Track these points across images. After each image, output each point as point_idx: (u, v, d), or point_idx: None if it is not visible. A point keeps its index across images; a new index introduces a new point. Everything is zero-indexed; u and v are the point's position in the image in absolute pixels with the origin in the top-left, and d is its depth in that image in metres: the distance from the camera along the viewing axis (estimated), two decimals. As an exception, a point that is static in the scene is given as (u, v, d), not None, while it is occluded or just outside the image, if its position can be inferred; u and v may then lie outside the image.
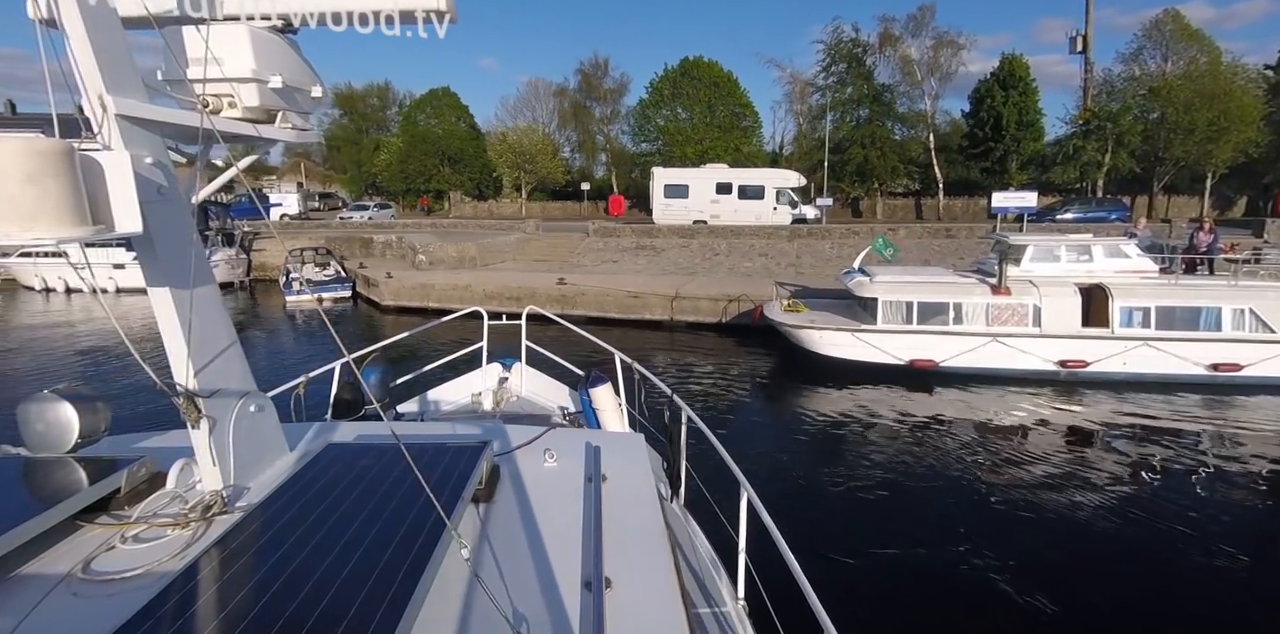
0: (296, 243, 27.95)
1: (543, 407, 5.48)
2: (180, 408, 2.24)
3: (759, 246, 23.40)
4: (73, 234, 1.70)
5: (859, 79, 36.69)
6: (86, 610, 1.74)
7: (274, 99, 2.49)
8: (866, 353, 11.92)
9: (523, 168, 45.17)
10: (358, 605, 1.58)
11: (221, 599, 1.62)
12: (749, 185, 28.62)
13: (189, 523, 2.15)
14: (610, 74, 46.48)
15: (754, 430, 10.24)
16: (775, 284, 15.15)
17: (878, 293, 11.84)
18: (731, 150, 38.86)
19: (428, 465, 2.23)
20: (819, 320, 12.50)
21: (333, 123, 59.38)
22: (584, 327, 6.23)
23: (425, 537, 1.86)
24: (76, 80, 1.95)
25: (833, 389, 11.59)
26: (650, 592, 1.93)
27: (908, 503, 7.65)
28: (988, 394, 11.18)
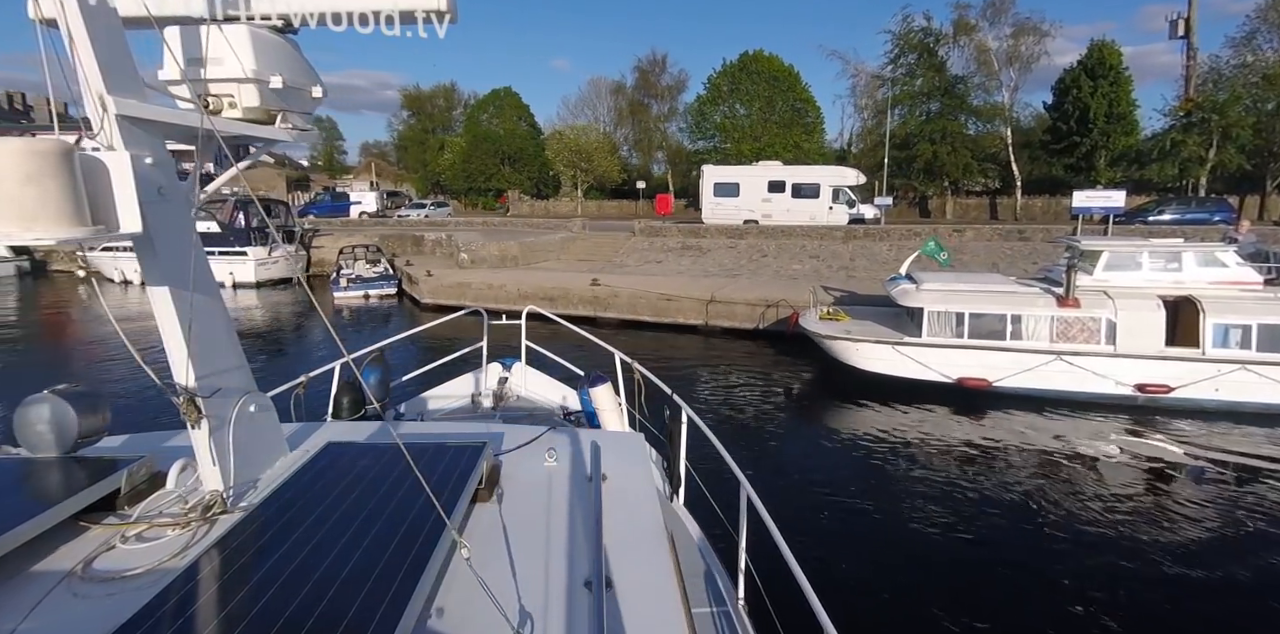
0: (351, 240, 28.60)
1: (543, 406, 5.46)
2: (180, 408, 2.23)
3: (810, 248, 22.17)
4: (73, 234, 1.71)
5: (929, 70, 34.53)
6: (87, 610, 1.73)
7: (274, 99, 2.49)
8: (909, 368, 10.74)
9: (579, 167, 45.00)
10: (358, 605, 1.57)
11: (222, 599, 1.61)
12: (803, 183, 27.24)
13: (189, 523, 2.14)
14: (668, 70, 45.78)
15: (775, 446, 9.33)
16: (812, 289, 13.97)
17: (924, 302, 10.65)
18: (791, 147, 37.42)
19: (428, 465, 2.23)
20: (856, 331, 11.38)
21: (402, 123, 61.18)
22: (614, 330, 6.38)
23: (425, 536, 1.86)
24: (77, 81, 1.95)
25: (870, 407, 10.49)
26: (650, 591, 1.91)
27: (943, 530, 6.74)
28: (1048, 420, 9.83)
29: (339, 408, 4.60)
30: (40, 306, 22.59)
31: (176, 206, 2.23)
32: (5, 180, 1.63)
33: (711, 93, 40.12)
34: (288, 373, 4.61)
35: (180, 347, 2.23)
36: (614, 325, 16.75)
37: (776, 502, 3.00)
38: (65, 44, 1.92)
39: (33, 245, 2.16)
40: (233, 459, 2.37)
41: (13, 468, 2.31)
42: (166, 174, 2.17)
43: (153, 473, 2.37)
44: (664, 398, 4.35)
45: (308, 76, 2.67)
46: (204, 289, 2.34)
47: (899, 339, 10.77)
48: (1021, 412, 10.08)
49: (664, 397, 4.34)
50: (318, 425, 3.25)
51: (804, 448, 9.45)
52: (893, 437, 9.40)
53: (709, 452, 3.45)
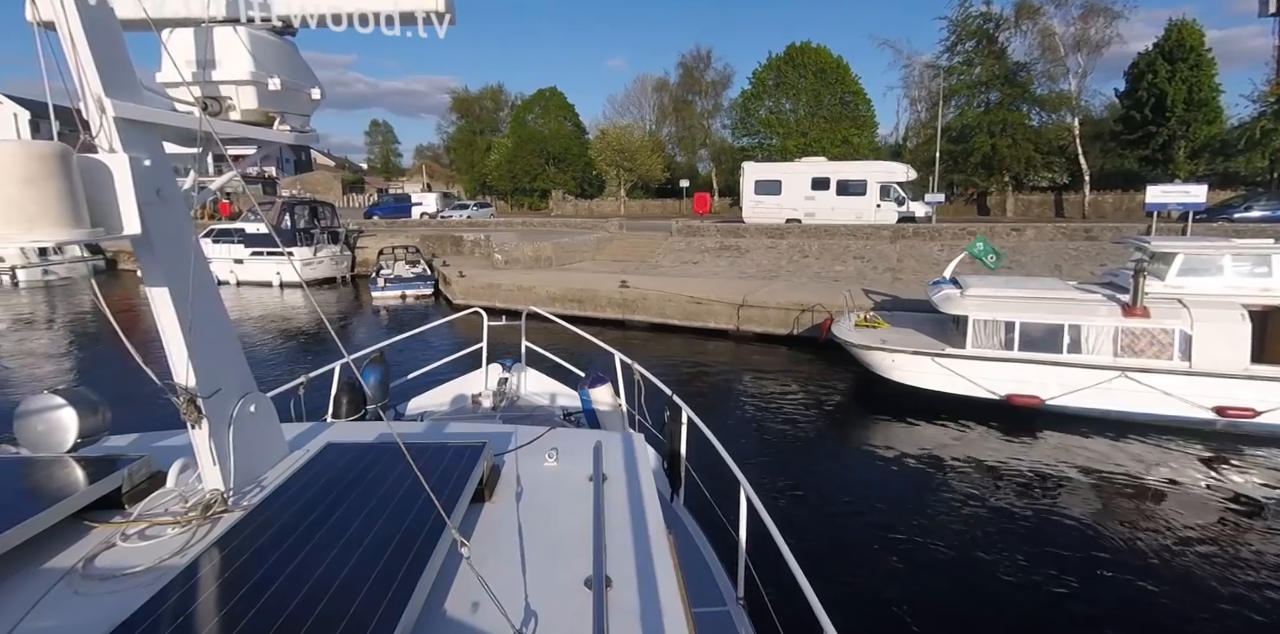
0: (394, 240, 28.94)
1: (543, 406, 5.47)
2: (180, 408, 2.22)
3: (855, 248, 21.07)
4: (72, 236, 1.74)
5: (989, 58, 32.55)
6: (87, 609, 1.73)
7: (273, 101, 2.50)
8: (951, 383, 9.78)
9: (621, 166, 44.55)
10: (357, 605, 1.56)
11: (221, 598, 1.60)
12: (849, 180, 25.98)
13: (189, 522, 2.14)
14: (713, 66, 44.79)
15: (796, 457, 8.60)
16: (847, 293, 13.01)
17: (968, 309, 9.68)
18: (839, 143, 36.00)
19: (428, 465, 2.22)
20: (893, 340, 10.47)
21: (451, 126, 62.12)
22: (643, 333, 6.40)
23: (425, 536, 1.85)
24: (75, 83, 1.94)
25: (905, 423, 9.61)
26: (651, 591, 1.89)
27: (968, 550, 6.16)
28: (1109, 445, 8.75)
29: (339, 408, 4.59)
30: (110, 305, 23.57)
31: (175, 208, 2.22)
32: (5, 182, 1.64)
33: (756, 87, 38.97)
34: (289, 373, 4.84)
35: (180, 347, 2.23)
36: (642, 329, 16.20)
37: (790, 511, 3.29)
38: (64, 46, 1.92)
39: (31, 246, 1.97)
40: (233, 459, 2.36)
41: (13, 467, 2.30)
42: (165, 175, 2.17)
43: (153, 472, 2.36)
44: (664, 398, 4.32)
45: (306, 78, 2.67)
46: (203, 289, 2.33)
47: (939, 350, 9.83)
48: (1077, 435, 9.02)
49: (664, 397, 4.31)
50: (318, 425, 3.24)
51: (827, 461, 8.71)
52: (927, 455, 8.52)
53: (709, 452, 3.43)
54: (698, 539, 3.55)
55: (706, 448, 3.49)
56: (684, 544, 3.11)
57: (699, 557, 3.28)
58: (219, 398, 2.34)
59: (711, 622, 2.67)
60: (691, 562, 3.03)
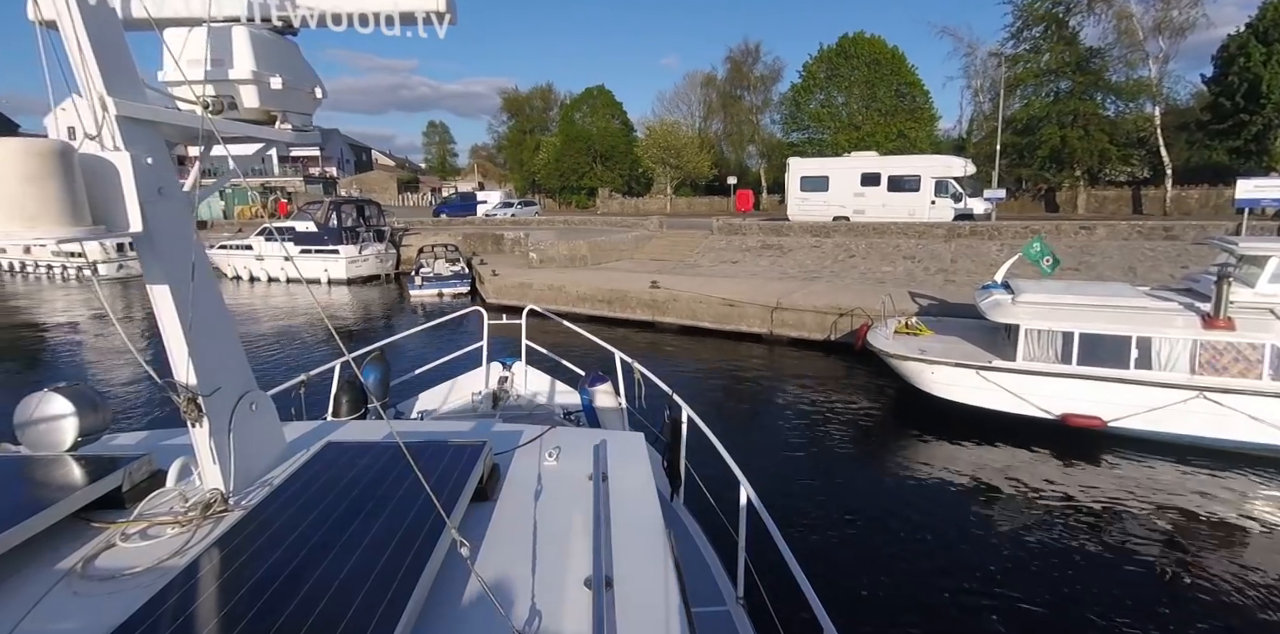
0: (436, 238, 29.20)
1: (543, 406, 5.45)
2: (180, 406, 2.21)
3: (905, 248, 19.87)
4: (74, 233, 1.74)
5: (1059, 44, 30.32)
6: (87, 609, 1.72)
7: (274, 100, 2.50)
8: (998, 400, 8.80)
9: (668, 163, 43.82)
10: (357, 604, 1.56)
11: (221, 598, 1.60)
12: (901, 175, 24.55)
13: (189, 521, 2.13)
14: (762, 59, 43.48)
15: (820, 472, 7.86)
16: (887, 296, 11.98)
17: (1020, 317, 8.68)
18: (894, 137, 34.32)
19: (427, 464, 2.20)
20: (935, 350, 9.53)
21: (502, 125, 62.76)
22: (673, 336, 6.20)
23: (425, 536, 1.84)
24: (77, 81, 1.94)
25: (946, 441, 8.70)
26: (651, 591, 1.87)
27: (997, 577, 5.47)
28: (1182, 474, 7.65)
29: (339, 407, 4.57)
30: None
31: (176, 206, 2.22)
32: (7, 180, 1.65)
33: (807, 81, 37.54)
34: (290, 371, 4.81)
35: (181, 345, 2.22)
36: (673, 331, 15.56)
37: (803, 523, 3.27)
38: (65, 45, 1.92)
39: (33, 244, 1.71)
40: (233, 458, 2.35)
41: (13, 466, 2.30)
42: (166, 174, 2.16)
43: (153, 471, 2.35)
44: (664, 397, 4.29)
45: (308, 77, 2.66)
46: (204, 288, 2.32)
47: (986, 362, 8.86)
48: (1144, 463, 7.94)
49: (664, 396, 4.30)
50: (318, 424, 3.24)
51: (851, 475, 8.00)
52: (966, 476, 7.64)
53: (709, 452, 3.43)
54: (697, 539, 3.54)
55: (706, 448, 3.48)
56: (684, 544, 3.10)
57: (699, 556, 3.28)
58: (219, 396, 2.32)
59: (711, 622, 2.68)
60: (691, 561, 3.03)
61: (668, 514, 2.59)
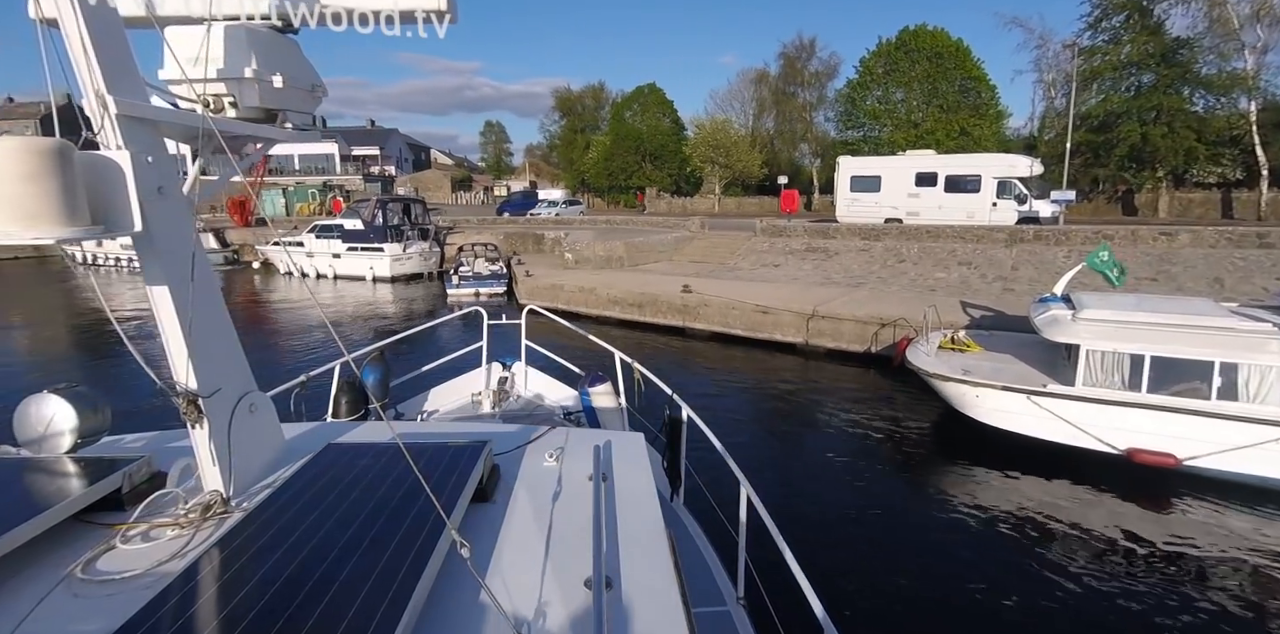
0: (479, 237, 29.29)
1: (543, 406, 5.43)
2: (180, 408, 2.20)
3: (962, 253, 18.56)
4: (73, 233, 1.74)
5: (1141, 34, 27.93)
6: (87, 610, 1.72)
7: (275, 99, 2.50)
8: (1053, 429, 7.79)
9: (716, 162, 42.87)
10: (358, 605, 1.55)
11: (222, 599, 1.60)
12: (960, 175, 23.02)
13: (189, 523, 2.12)
14: (817, 55, 41.98)
15: (840, 495, 7.09)
16: (930, 308, 10.84)
17: (1081, 336, 7.64)
18: (956, 134, 32.46)
19: (428, 465, 2.21)
20: (981, 370, 8.54)
21: (554, 124, 63.02)
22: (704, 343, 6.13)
23: (425, 536, 1.84)
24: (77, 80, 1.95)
25: (989, 472, 7.75)
26: (650, 591, 1.87)
27: None
28: (1272, 525, 6.52)
29: (339, 407, 4.55)
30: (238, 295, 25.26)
31: (176, 205, 2.21)
32: (6, 179, 1.64)
33: (863, 76, 35.93)
34: (290, 372, 4.56)
35: (181, 346, 2.21)
36: (704, 338, 14.84)
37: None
38: (66, 43, 1.91)
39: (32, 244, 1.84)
40: (233, 459, 2.34)
41: (13, 467, 2.29)
42: (166, 173, 2.16)
43: (153, 473, 2.35)
44: (664, 397, 4.28)
45: (308, 76, 2.66)
46: (204, 288, 2.31)
47: (1039, 386, 7.85)
48: (1224, 507, 6.82)
49: (664, 397, 4.29)
50: (318, 425, 3.24)
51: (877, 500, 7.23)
52: (1009, 513, 6.71)
53: (709, 452, 3.44)
54: (698, 539, 3.56)
55: (706, 448, 3.48)
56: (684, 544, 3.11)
57: (699, 556, 3.29)
58: (219, 398, 2.31)
59: (711, 622, 2.70)
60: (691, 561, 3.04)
61: (668, 514, 2.58)
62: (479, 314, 6.11)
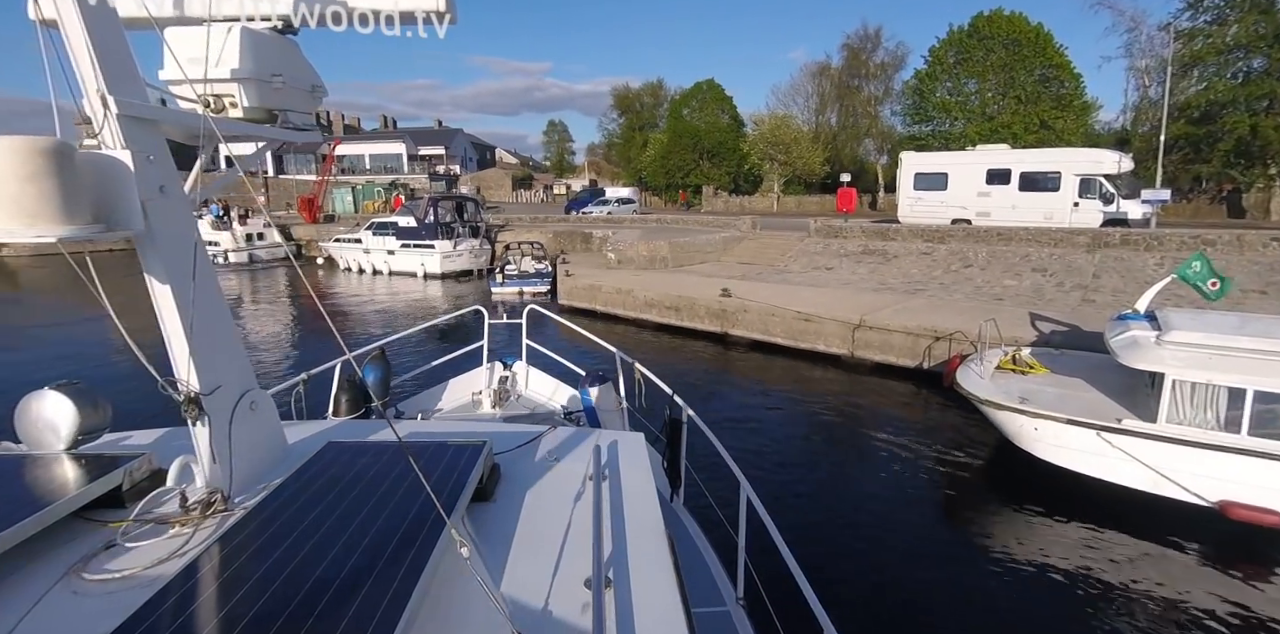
0: (530, 236, 29.21)
1: (543, 406, 5.44)
2: (181, 405, 2.21)
3: (1037, 258, 16.95)
4: (74, 232, 1.76)
5: (1251, 13, 25.01)
6: (87, 607, 1.73)
7: (275, 99, 2.51)
8: (1127, 473, 6.61)
9: (775, 159, 41.41)
10: (357, 604, 1.55)
11: (221, 597, 1.59)
12: (1037, 172, 21.08)
13: (189, 521, 2.12)
14: (883, 45, 39.84)
15: (870, 529, 6.13)
16: (988, 322, 9.44)
17: (1165, 363, 6.44)
18: (1035, 127, 30.05)
19: (428, 464, 2.23)
20: (1043, 396, 7.39)
21: (611, 122, 62.78)
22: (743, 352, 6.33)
23: (425, 535, 1.85)
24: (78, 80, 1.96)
25: (1047, 517, 6.66)
26: (650, 591, 1.87)
27: None
28: None
29: (339, 406, 4.56)
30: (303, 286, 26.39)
31: (177, 204, 2.21)
32: (7, 179, 1.65)
33: (933, 66, 33.77)
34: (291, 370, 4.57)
35: (182, 344, 2.21)
36: (745, 346, 13.95)
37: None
38: (67, 44, 1.92)
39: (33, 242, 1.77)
40: (233, 457, 2.32)
41: (13, 465, 2.29)
42: (168, 172, 2.17)
43: (153, 470, 2.35)
44: (664, 398, 4.28)
45: (308, 76, 2.67)
46: (205, 287, 2.31)
47: (1112, 421, 6.68)
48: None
49: (664, 396, 4.28)
50: (318, 424, 3.26)
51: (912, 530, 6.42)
52: (1060, 558, 5.65)
53: (709, 452, 3.47)
54: (697, 539, 3.57)
55: (706, 448, 3.48)
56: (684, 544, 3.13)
57: (699, 557, 3.30)
58: (220, 396, 2.31)
59: (711, 622, 2.72)
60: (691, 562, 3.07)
61: (668, 514, 2.57)
62: (479, 314, 6.07)
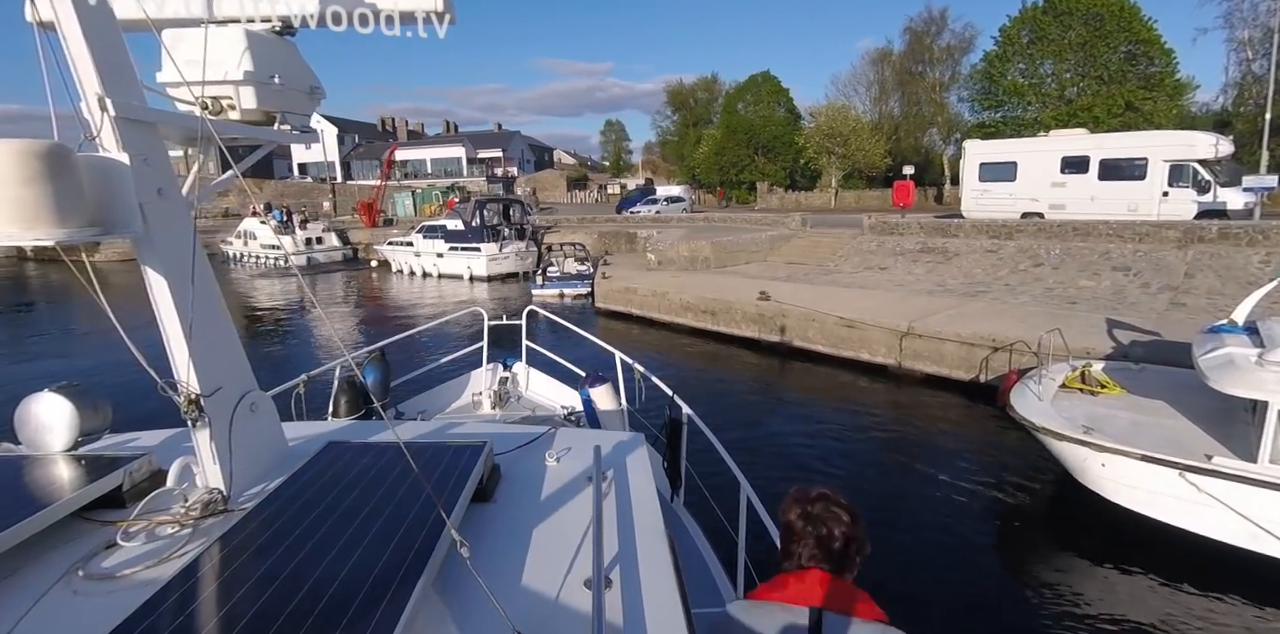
0: (575, 237, 28.93)
1: (543, 406, 5.46)
2: (181, 407, 2.23)
3: (1118, 255, 15.25)
4: (73, 235, 1.76)
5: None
6: (86, 608, 1.74)
7: (273, 100, 2.52)
8: (1220, 524, 5.42)
9: (833, 151, 39.63)
10: (357, 605, 1.56)
11: (221, 598, 1.60)
12: (1119, 159, 19.00)
13: (189, 521, 2.14)
14: (949, 27, 37.37)
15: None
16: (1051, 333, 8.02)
17: (1269, 390, 5.24)
18: (1120, 110, 27.41)
19: (428, 465, 2.24)
20: (1111, 425, 6.22)
21: (665, 119, 62.04)
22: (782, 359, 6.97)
23: (425, 536, 1.86)
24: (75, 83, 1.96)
25: (1121, 572, 5.56)
26: (650, 591, 1.87)
27: None
28: None
29: (339, 407, 4.56)
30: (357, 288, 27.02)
31: (176, 207, 2.23)
32: (6, 182, 1.66)
33: (1004, 47, 31.36)
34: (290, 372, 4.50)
35: (181, 346, 2.22)
36: (782, 353, 12.98)
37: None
38: (64, 46, 1.92)
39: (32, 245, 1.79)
40: (233, 458, 2.34)
41: (13, 465, 2.31)
42: (165, 175, 2.18)
43: (153, 471, 2.36)
44: (664, 398, 4.30)
45: (306, 78, 2.67)
46: (205, 288, 2.32)
47: (1198, 459, 5.50)
48: None
49: (664, 397, 4.31)
50: (318, 424, 3.30)
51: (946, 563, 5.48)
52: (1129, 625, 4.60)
53: (709, 452, 3.50)
54: (697, 539, 3.60)
55: (706, 448, 3.53)
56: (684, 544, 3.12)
57: (698, 557, 3.33)
58: (220, 397, 2.32)
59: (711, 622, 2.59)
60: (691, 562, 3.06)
61: (668, 515, 2.57)
62: (479, 314, 6.08)
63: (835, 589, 1.61)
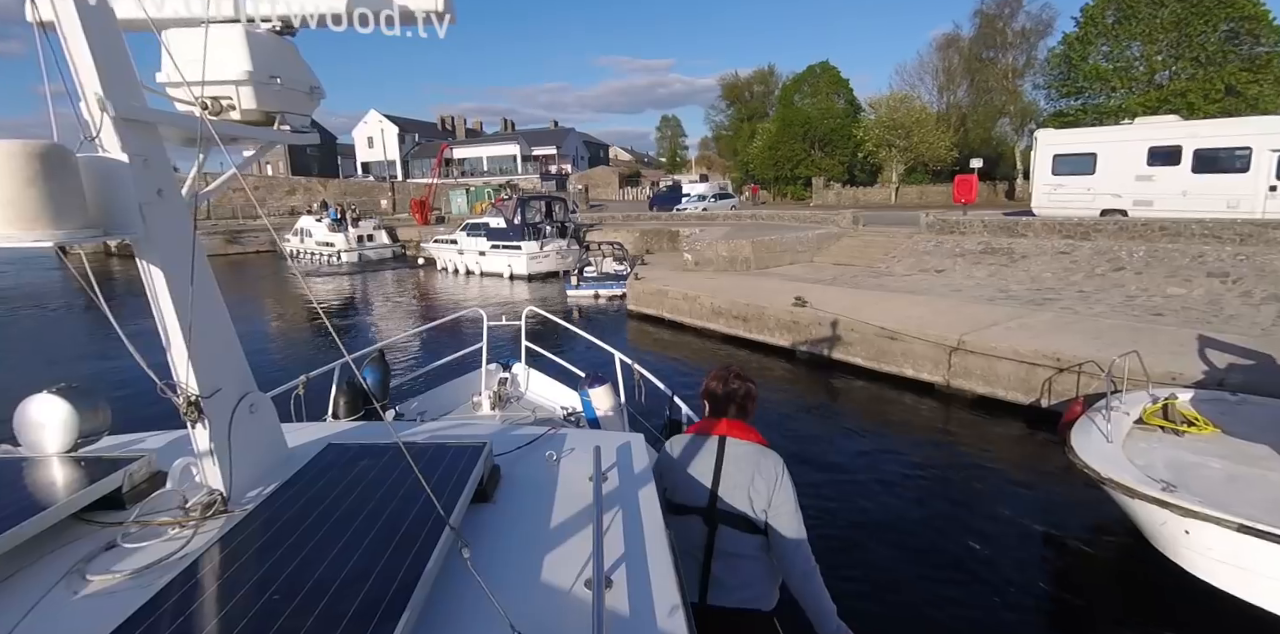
0: (617, 235, 28.36)
1: (543, 407, 5.50)
2: (180, 408, 2.25)
3: (1215, 258, 13.44)
4: (72, 236, 1.79)
5: None
6: (86, 608, 1.75)
7: (273, 101, 2.56)
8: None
9: (893, 144, 37.51)
10: (357, 605, 1.56)
11: (221, 599, 1.61)
12: (1217, 149, 16.80)
13: (189, 522, 2.15)
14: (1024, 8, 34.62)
15: None
16: (1129, 356, 6.56)
17: None
18: (1218, 95, 24.61)
19: (428, 465, 2.26)
20: (1199, 481, 4.97)
21: (720, 114, 60.67)
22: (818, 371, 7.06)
23: (425, 537, 1.87)
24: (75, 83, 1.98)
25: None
26: (650, 592, 1.88)
27: None
28: None
29: (338, 408, 4.58)
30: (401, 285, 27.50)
31: (176, 207, 2.25)
32: (5, 182, 1.67)
33: (1085, 29, 28.71)
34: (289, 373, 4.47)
35: (181, 347, 2.24)
36: (818, 366, 11.87)
37: None
38: (63, 46, 1.94)
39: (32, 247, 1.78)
40: (233, 459, 2.35)
41: (12, 467, 2.32)
42: (165, 175, 2.21)
43: (153, 472, 2.38)
44: (664, 398, 4.35)
45: (306, 78, 2.70)
46: (204, 289, 2.34)
47: (1322, 534, 4.23)
48: None
49: (664, 397, 4.35)
50: (318, 425, 3.33)
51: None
52: None
53: None
54: None
55: None
56: None
57: None
58: (219, 398, 2.34)
59: None
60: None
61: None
62: (479, 315, 6.09)
63: (737, 427, 2.60)
